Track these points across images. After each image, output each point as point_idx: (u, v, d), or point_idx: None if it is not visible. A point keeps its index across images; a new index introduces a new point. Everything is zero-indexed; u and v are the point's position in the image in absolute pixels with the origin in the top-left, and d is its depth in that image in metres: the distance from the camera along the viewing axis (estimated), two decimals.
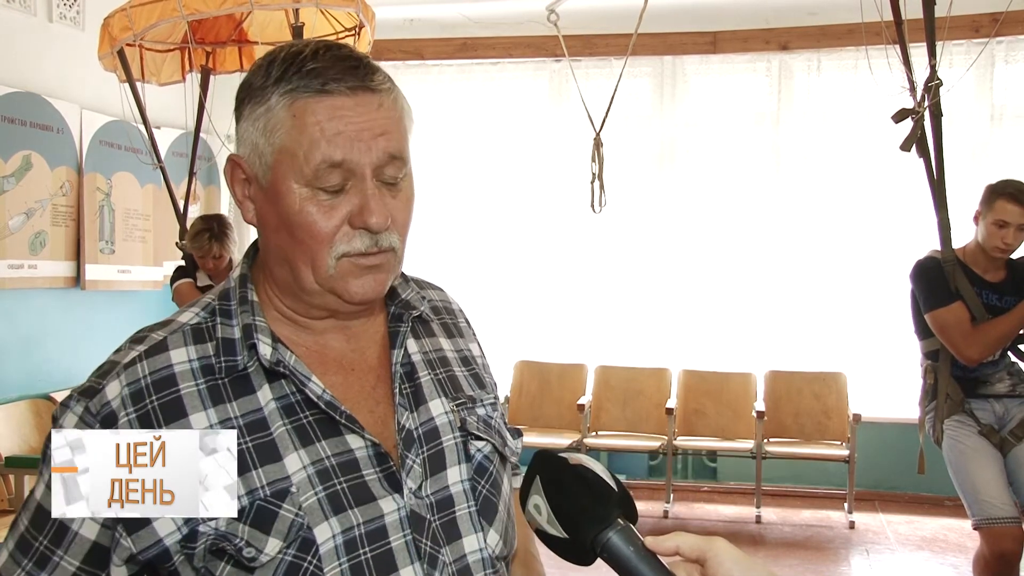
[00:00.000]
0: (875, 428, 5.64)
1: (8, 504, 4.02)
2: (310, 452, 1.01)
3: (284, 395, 1.03)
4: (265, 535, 0.97)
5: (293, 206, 1.01)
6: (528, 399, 5.98)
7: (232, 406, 1.01)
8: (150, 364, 1.01)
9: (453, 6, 5.90)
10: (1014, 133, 5.55)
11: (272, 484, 0.99)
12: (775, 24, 5.83)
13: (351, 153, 1.00)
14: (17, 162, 4.66)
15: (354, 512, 1.00)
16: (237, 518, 0.97)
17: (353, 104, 1.00)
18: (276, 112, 1.01)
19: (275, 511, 0.98)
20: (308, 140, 0.99)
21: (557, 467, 0.90)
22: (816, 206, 5.88)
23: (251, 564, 0.97)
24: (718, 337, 6.02)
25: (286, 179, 1.01)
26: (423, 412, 1.10)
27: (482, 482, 1.11)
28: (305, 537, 0.98)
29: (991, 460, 3.23)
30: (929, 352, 3.40)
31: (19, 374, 4.70)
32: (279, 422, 1.02)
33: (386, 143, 1.02)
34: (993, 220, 3.23)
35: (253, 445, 1.00)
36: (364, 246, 1.02)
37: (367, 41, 4.41)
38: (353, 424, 1.03)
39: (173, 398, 1.00)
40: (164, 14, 3.90)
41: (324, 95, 0.99)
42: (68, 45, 4.98)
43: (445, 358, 1.18)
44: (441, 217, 6.26)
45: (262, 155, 1.02)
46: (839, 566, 4.75)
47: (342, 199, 1.01)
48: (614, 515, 0.86)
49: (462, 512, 1.08)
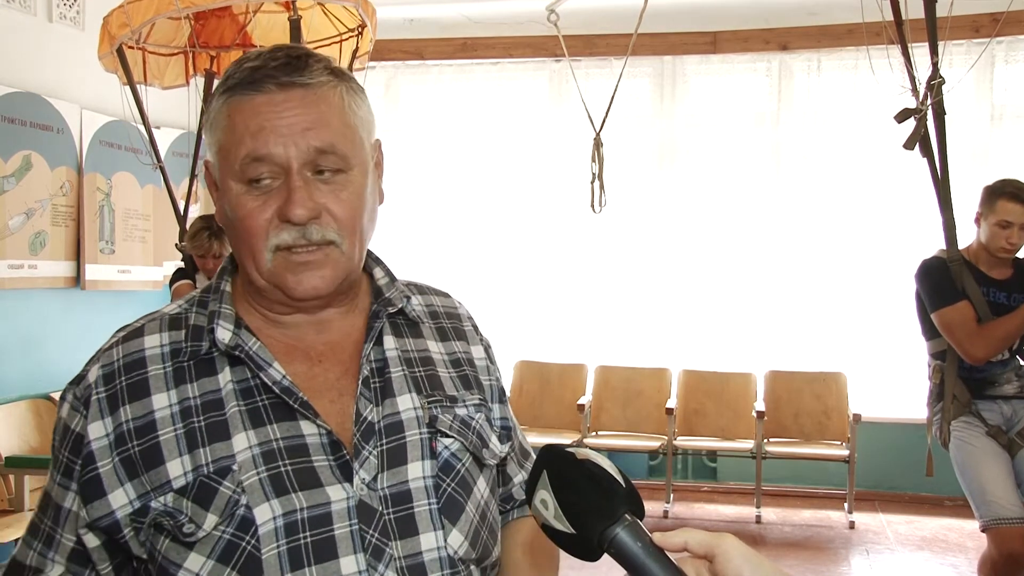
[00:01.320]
0: (875, 428, 5.63)
1: (8, 504, 4.01)
2: (259, 433, 1.03)
3: (244, 379, 1.06)
4: (204, 511, 0.99)
5: (232, 200, 1.05)
6: (528, 399, 5.98)
7: (192, 387, 1.04)
8: (124, 348, 1.07)
9: (453, 6, 5.90)
10: (1014, 133, 5.55)
11: (216, 461, 1.01)
12: (775, 24, 5.83)
13: (274, 147, 1.01)
14: (17, 162, 4.66)
15: (298, 496, 1.01)
16: (182, 494, 1.00)
17: (282, 100, 1.02)
18: (218, 113, 1.05)
19: (215, 487, 1.00)
20: (236, 137, 1.03)
21: (564, 462, 0.89)
22: (816, 206, 5.88)
23: (188, 539, 0.99)
24: (718, 337, 6.02)
25: (226, 177, 1.05)
26: (389, 405, 1.09)
27: (447, 480, 1.09)
28: (244, 516, 0.99)
29: (999, 461, 3.21)
30: (936, 352, 3.38)
31: (19, 374, 4.69)
32: (233, 403, 1.04)
33: (313, 137, 1.02)
34: (996, 221, 3.22)
35: (205, 424, 1.03)
36: (291, 238, 1.03)
37: (369, 40, 4.41)
38: (307, 410, 1.04)
39: (139, 379, 1.05)
40: (160, 8, 3.88)
41: (256, 93, 1.02)
42: (68, 45, 4.98)
43: (429, 358, 1.17)
44: (441, 217, 6.27)
45: (213, 156, 1.08)
46: (839, 566, 4.74)
47: (272, 195, 1.03)
48: (621, 511, 0.85)
49: (421, 508, 1.06)
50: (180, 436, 1.02)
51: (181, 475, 1.00)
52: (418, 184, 6.22)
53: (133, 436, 1.02)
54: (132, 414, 1.03)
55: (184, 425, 1.02)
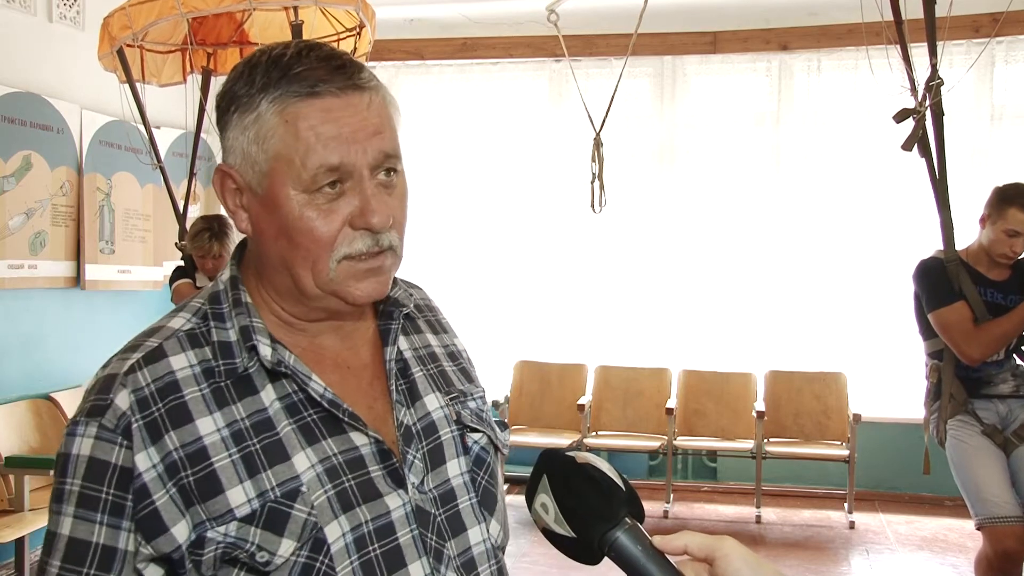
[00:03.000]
0: (875, 428, 5.64)
1: (8, 504, 4.01)
2: (317, 451, 1.01)
3: (287, 394, 1.02)
4: (278, 537, 0.96)
5: (293, 212, 1.00)
6: (528, 399, 5.98)
7: (237, 408, 1.00)
8: (151, 372, 1.00)
9: (453, 6, 5.90)
10: (1014, 133, 5.56)
11: (283, 484, 0.98)
12: (775, 24, 5.84)
13: (348, 155, 0.99)
14: (17, 162, 4.66)
15: (362, 509, 1.01)
16: (248, 522, 0.96)
17: (344, 105, 0.99)
18: (267, 119, 0.99)
19: (287, 512, 0.97)
20: (304, 146, 0.98)
21: (564, 466, 0.89)
22: (816, 206, 5.88)
23: (265, 568, 0.96)
24: (718, 337, 6.02)
25: (284, 186, 1.00)
26: (419, 408, 1.10)
27: (481, 473, 1.12)
28: (316, 536, 0.97)
29: (994, 460, 3.22)
30: (933, 352, 3.39)
31: (19, 374, 4.69)
32: (284, 421, 1.01)
33: (380, 142, 1.01)
34: (1004, 228, 3.21)
35: (261, 446, 0.99)
36: (366, 247, 1.02)
37: (368, 41, 4.41)
38: (356, 421, 1.03)
39: (178, 404, 0.99)
40: (163, 12, 3.88)
41: (314, 98, 0.98)
42: (68, 45, 4.98)
43: (434, 354, 1.19)
44: (441, 217, 6.26)
45: (255, 164, 1.01)
46: (839, 566, 4.75)
47: (341, 202, 1.00)
48: (622, 514, 0.85)
49: (464, 504, 1.09)
50: (237, 461, 0.98)
51: (245, 502, 0.96)
52: (418, 184, 6.17)
53: (186, 464, 0.97)
54: (179, 441, 0.97)
55: (239, 449, 0.98)
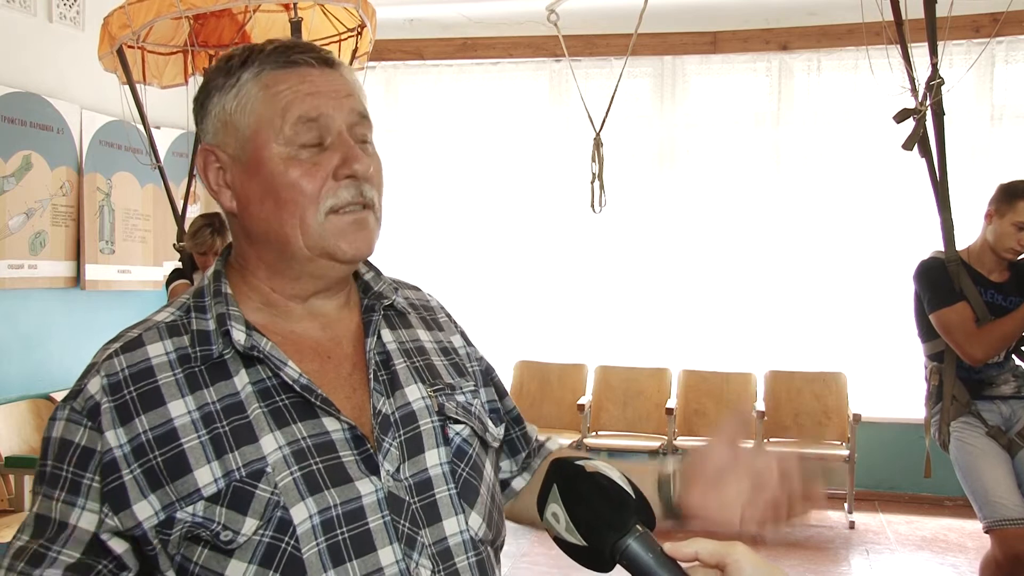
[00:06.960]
0: (875, 428, 5.64)
1: (8, 504, 4.01)
2: (286, 433, 1.03)
3: (260, 379, 1.05)
4: (242, 516, 0.98)
5: (277, 168, 1.05)
6: (528, 399, 5.98)
7: (209, 391, 1.03)
8: (127, 358, 1.04)
9: (453, 6, 5.90)
10: (1014, 133, 5.56)
11: (248, 465, 1.00)
12: (775, 24, 5.84)
13: (325, 108, 1.05)
14: (17, 162, 4.66)
15: (331, 493, 1.02)
16: (214, 501, 0.98)
17: (319, 73, 1.07)
18: (247, 88, 1.06)
19: (251, 491, 0.99)
20: (283, 101, 1.05)
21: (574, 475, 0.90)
22: (816, 206, 5.88)
23: (228, 547, 0.98)
24: (718, 337, 6.02)
25: (267, 144, 1.05)
26: (399, 397, 1.12)
27: (461, 465, 1.12)
28: (282, 517, 0.99)
29: (1000, 461, 3.19)
30: (933, 354, 3.37)
31: (19, 374, 4.69)
32: (255, 405, 1.03)
33: (353, 103, 1.08)
34: (1013, 222, 3.19)
35: (230, 428, 1.01)
36: (351, 195, 1.06)
37: (368, 40, 4.41)
38: (329, 407, 1.05)
39: (151, 388, 1.02)
40: (161, 10, 3.88)
41: (292, 67, 1.07)
42: (68, 45, 4.97)
43: (423, 348, 1.20)
44: (441, 217, 6.27)
45: (238, 131, 1.07)
46: (839, 566, 4.75)
47: (323, 157, 1.06)
48: (632, 522, 0.86)
49: (442, 494, 1.09)
50: (205, 442, 1.00)
51: (211, 482, 0.99)
52: (418, 184, 6.22)
53: (154, 446, 1.00)
54: (149, 424, 1.01)
55: (208, 431, 1.01)
